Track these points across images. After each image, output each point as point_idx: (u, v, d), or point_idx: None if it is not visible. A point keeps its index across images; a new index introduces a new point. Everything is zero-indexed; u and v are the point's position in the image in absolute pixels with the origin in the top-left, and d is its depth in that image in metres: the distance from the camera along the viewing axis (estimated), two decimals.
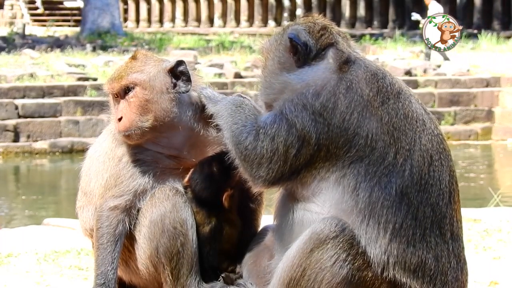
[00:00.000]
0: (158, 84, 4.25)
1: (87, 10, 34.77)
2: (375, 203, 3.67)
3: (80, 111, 19.79)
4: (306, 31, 3.90)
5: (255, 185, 3.82)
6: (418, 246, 3.69)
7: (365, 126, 3.71)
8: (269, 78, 3.96)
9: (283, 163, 3.74)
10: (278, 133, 3.73)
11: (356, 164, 3.70)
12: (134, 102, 4.21)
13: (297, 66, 3.88)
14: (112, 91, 4.27)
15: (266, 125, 3.76)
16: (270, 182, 3.79)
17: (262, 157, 3.75)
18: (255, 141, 3.76)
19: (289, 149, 3.73)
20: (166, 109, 4.23)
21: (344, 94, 3.74)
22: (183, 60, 4.33)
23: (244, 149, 3.77)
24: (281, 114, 3.76)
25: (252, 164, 3.77)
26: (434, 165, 3.76)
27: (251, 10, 44.94)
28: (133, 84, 4.23)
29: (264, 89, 3.98)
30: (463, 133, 22.11)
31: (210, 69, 22.83)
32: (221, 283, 4.19)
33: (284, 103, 3.78)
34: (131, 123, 4.19)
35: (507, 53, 28.05)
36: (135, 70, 4.25)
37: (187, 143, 4.29)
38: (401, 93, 3.83)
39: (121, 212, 4.21)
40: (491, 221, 7.69)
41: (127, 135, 4.20)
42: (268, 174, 3.76)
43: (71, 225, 7.64)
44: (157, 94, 4.23)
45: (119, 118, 4.21)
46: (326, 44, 3.89)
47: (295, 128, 3.72)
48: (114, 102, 4.30)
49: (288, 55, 3.92)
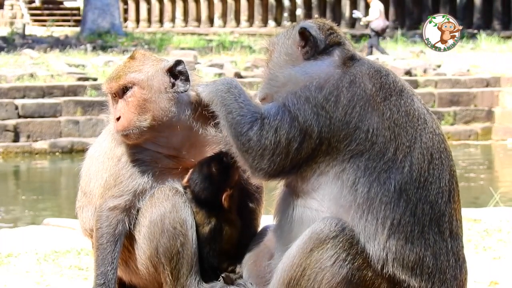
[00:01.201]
0: (156, 83, 4.24)
1: (87, 10, 34.77)
2: (373, 199, 3.67)
3: (80, 111, 19.78)
4: (317, 27, 3.97)
5: (256, 177, 3.80)
6: (416, 243, 3.69)
7: (366, 121, 3.72)
8: (273, 70, 3.99)
9: (285, 156, 3.74)
10: (281, 125, 3.73)
11: (356, 158, 3.70)
12: (132, 101, 4.21)
13: (305, 58, 3.91)
14: (110, 91, 4.27)
15: (270, 116, 3.74)
16: (271, 175, 3.78)
17: (265, 148, 3.73)
18: (260, 131, 3.73)
19: (291, 142, 3.72)
20: (164, 108, 4.23)
21: (347, 88, 3.76)
22: (182, 60, 4.32)
23: (247, 140, 3.75)
24: (284, 107, 3.76)
25: (255, 156, 3.75)
26: (434, 163, 3.76)
27: (251, 10, 44.93)
28: (131, 84, 4.23)
29: (268, 81, 4.00)
30: (463, 133, 22.10)
31: (210, 69, 22.82)
32: (221, 283, 4.19)
33: (287, 95, 3.78)
34: (129, 123, 4.19)
35: (507, 53, 28.04)
36: (133, 70, 4.25)
37: (186, 142, 4.29)
38: (404, 91, 3.84)
39: (121, 212, 4.20)
40: (491, 221, 7.68)
41: (125, 135, 4.20)
42: (270, 167, 3.75)
43: (71, 225, 7.63)
44: (155, 93, 4.23)
45: (117, 117, 4.21)
46: (333, 42, 3.95)
47: (298, 121, 3.72)
48: (113, 102, 4.30)
49: (296, 48, 3.96)
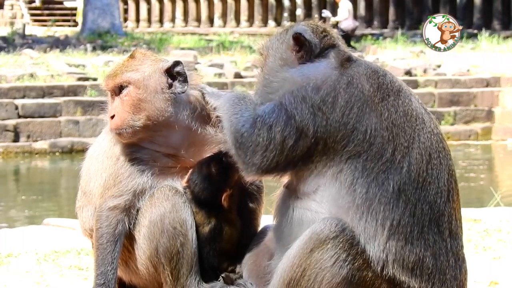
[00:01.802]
0: (152, 83, 4.25)
1: (87, 10, 34.75)
2: (372, 200, 3.67)
3: (80, 111, 19.77)
4: (310, 30, 3.95)
5: (248, 172, 3.80)
6: (416, 243, 3.69)
7: (364, 122, 3.72)
8: (268, 76, 3.97)
9: (279, 153, 3.74)
10: (276, 122, 3.74)
11: (354, 159, 3.70)
12: (127, 100, 4.22)
13: (300, 63, 3.90)
14: (107, 88, 4.29)
15: (265, 114, 3.76)
16: (264, 170, 3.78)
17: (258, 144, 3.74)
18: (251, 128, 3.75)
19: (286, 140, 3.73)
20: (160, 108, 4.23)
21: (345, 89, 3.75)
22: (180, 61, 4.32)
23: (240, 136, 3.77)
24: (281, 105, 3.76)
25: (247, 151, 3.76)
26: (432, 163, 3.76)
27: (251, 10, 44.91)
28: (127, 83, 4.24)
29: (262, 87, 3.99)
30: (463, 133, 22.10)
31: (210, 69, 22.82)
32: (221, 283, 4.19)
33: (284, 94, 3.79)
34: (122, 122, 4.20)
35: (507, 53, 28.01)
36: (130, 69, 4.26)
37: (185, 142, 4.29)
38: (401, 91, 3.84)
39: (121, 212, 4.20)
40: (491, 221, 7.68)
41: (119, 133, 4.21)
42: (262, 162, 3.75)
43: (71, 225, 7.63)
44: (151, 93, 4.23)
45: (111, 116, 4.23)
46: (328, 44, 3.94)
47: (294, 119, 3.73)
48: (111, 99, 4.32)
49: (290, 53, 3.94)
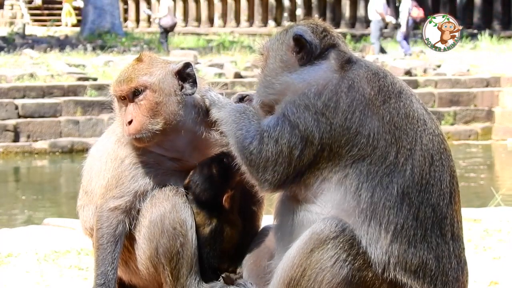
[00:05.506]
0: (167, 86, 4.21)
1: (87, 10, 34.76)
2: (377, 204, 3.67)
3: (80, 111, 19.78)
4: (310, 31, 3.92)
5: (262, 189, 3.81)
6: (419, 246, 3.68)
7: (367, 125, 3.71)
8: (269, 77, 3.96)
9: (288, 165, 3.74)
10: (281, 135, 3.73)
11: (358, 163, 3.69)
12: (145, 104, 4.17)
13: (300, 64, 3.88)
14: (120, 94, 4.21)
15: (270, 128, 3.75)
16: (276, 185, 3.78)
17: (268, 160, 3.74)
18: (259, 145, 3.75)
19: (293, 151, 3.72)
20: (174, 111, 4.20)
21: (346, 93, 3.74)
22: (190, 63, 4.29)
23: (249, 154, 3.77)
24: (284, 116, 3.75)
25: (258, 168, 3.76)
26: (435, 165, 3.75)
27: (251, 10, 44.90)
28: (143, 87, 4.18)
29: (263, 88, 3.97)
30: (463, 133, 22.11)
31: (210, 69, 22.83)
32: (221, 283, 4.19)
33: (286, 105, 3.77)
34: (142, 126, 4.15)
35: (507, 53, 28.04)
36: (143, 73, 4.21)
37: (190, 145, 4.28)
38: (402, 92, 3.83)
39: (121, 213, 4.20)
40: (491, 221, 7.67)
41: (138, 138, 4.16)
42: (274, 177, 3.75)
43: (71, 225, 7.62)
44: (166, 96, 4.20)
45: (129, 121, 4.17)
46: (328, 45, 3.92)
47: (298, 129, 3.72)
48: (121, 105, 4.25)
49: (290, 54, 3.93)
